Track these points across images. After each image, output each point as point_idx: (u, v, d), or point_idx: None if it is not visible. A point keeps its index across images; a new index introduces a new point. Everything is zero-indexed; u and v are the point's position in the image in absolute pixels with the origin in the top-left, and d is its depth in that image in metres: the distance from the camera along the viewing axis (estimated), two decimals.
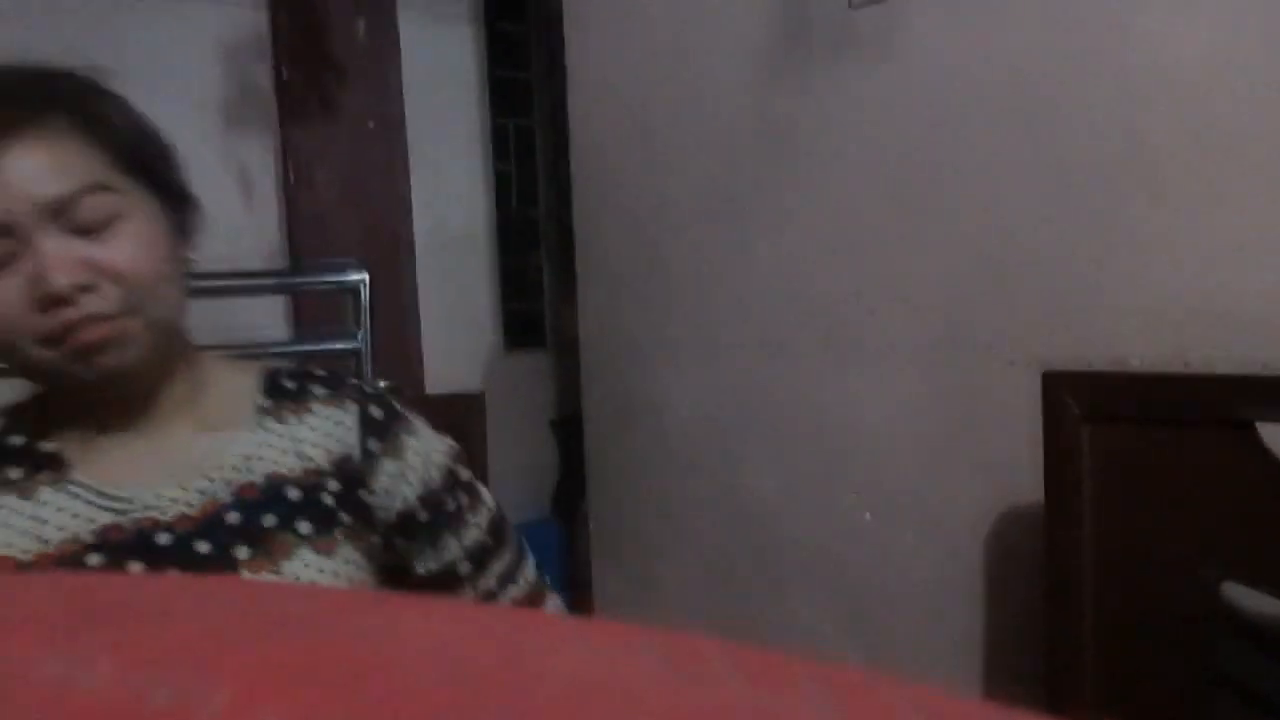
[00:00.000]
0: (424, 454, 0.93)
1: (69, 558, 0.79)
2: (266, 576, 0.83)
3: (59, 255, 0.76)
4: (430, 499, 0.93)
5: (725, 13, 1.49)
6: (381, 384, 2.32)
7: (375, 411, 0.92)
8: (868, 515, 1.35)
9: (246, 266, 2.65)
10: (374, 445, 0.91)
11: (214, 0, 2.70)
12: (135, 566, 0.80)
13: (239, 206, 2.78)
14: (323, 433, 0.90)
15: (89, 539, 0.81)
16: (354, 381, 0.96)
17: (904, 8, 1.28)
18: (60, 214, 0.77)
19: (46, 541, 0.80)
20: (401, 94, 2.91)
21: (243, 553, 0.84)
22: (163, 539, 0.82)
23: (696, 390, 1.59)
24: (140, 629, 0.17)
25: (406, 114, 2.92)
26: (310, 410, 0.91)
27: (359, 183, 2.87)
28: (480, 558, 0.96)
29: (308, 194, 2.83)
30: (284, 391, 0.92)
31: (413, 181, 2.94)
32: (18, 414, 0.87)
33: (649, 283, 1.64)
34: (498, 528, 0.98)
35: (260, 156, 2.81)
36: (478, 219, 3.09)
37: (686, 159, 1.57)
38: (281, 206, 2.82)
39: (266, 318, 2.71)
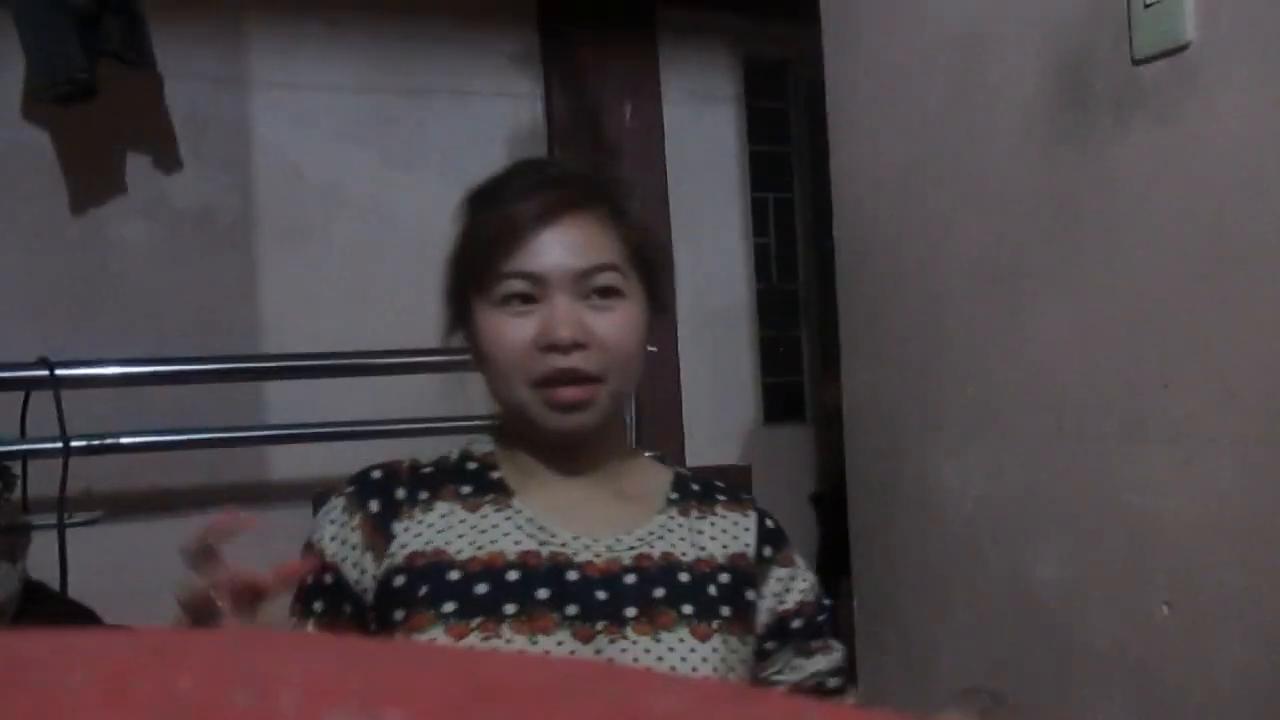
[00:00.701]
0: (806, 572, 1.06)
1: (493, 565, 0.93)
2: (646, 640, 0.93)
3: (569, 313, 0.92)
4: (807, 613, 1.03)
5: (999, 75, 1.44)
6: (647, 454, 2.37)
7: (770, 524, 1.05)
8: (1165, 609, 1.22)
9: None
10: (768, 552, 1.03)
11: (497, 94, 2.90)
12: (542, 592, 0.92)
13: None
14: (721, 530, 1.01)
15: (512, 557, 0.94)
16: (749, 496, 1.09)
17: (1196, 61, 1.19)
18: (579, 281, 0.93)
19: (480, 548, 0.94)
20: (665, 172, 3.00)
21: (631, 611, 0.94)
22: (570, 575, 0.94)
23: (974, 472, 1.50)
24: (537, 713, 0.16)
25: (670, 192, 3.01)
26: (714, 511, 1.03)
27: None
28: (829, 690, 1.04)
29: None
30: (691, 492, 1.04)
31: (676, 257, 3.02)
32: (474, 447, 1.03)
33: (919, 356, 1.58)
34: (847, 667, 1.09)
35: None
36: (738, 292, 3.12)
37: (958, 228, 1.51)
38: None
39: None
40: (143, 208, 2.54)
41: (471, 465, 1.01)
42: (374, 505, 0.97)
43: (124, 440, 1.99)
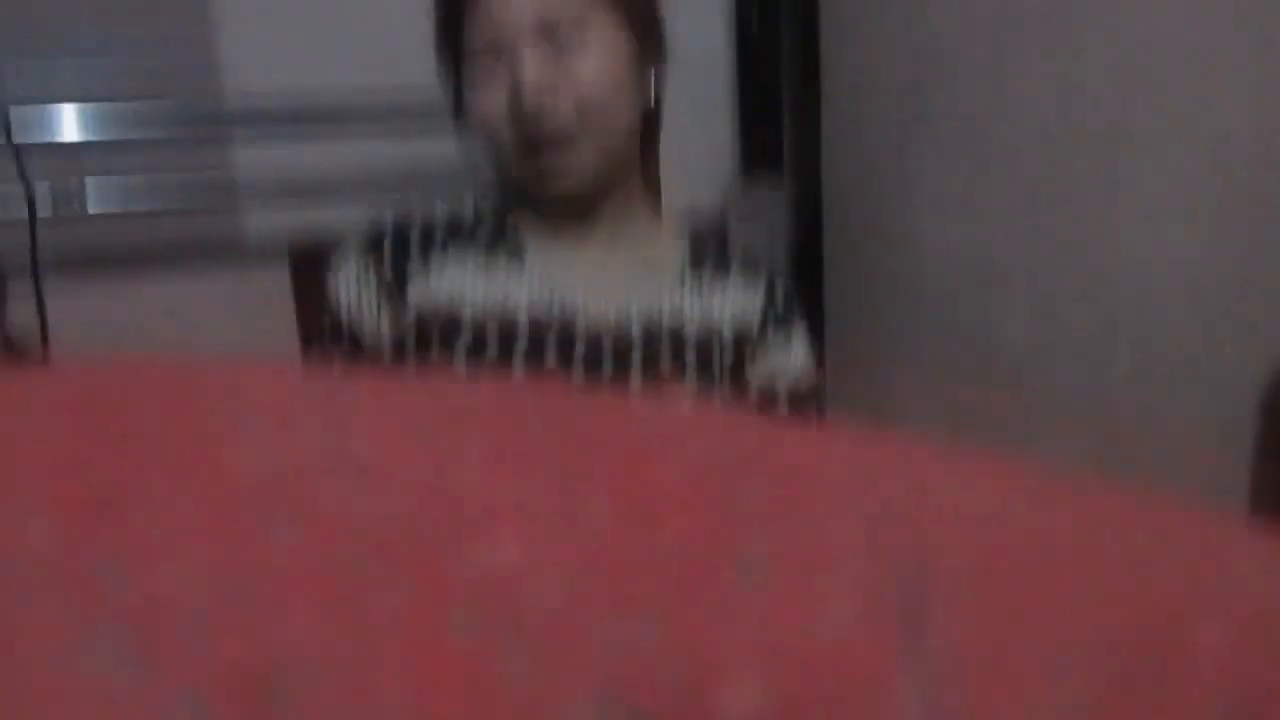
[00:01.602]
0: (804, 351, 1.03)
1: (504, 325, 0.93)
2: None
3: (533, 66, 0.86)
4: (794, 390, 1.01)
5: None
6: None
7: (779, 296, 1.02)
8: (1128, 364, 1.26)
9: None
10: (772, 319, 1.01)
11: None
12: (550, 355, 0.93)
13: None
14: (731, 300, 1.00)
15: (520, 315, 0.93)
16: (765, 266, 1.05)
17: None
18: (544, 26, 0.86)
19: (492, 301, 0.93)
20: None
21: (637, 376, 0.95)
22: (578, 339, 0.94)
23: (952, 226, 1.50)
24: (508, 430, 0.17)
25: None
26: (726, 278, 1.01)
27: None
28: None
29: None
30: (707, 257, 1.02)
31: None
32: (484, 204, 1.00)
33: (898, 110, 1.54)
34: None
35: None
36: (716, 39, 2.99)
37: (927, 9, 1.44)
38: None
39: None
40: None
41: (487, 218, 0.98)
42: (388, 253, 0.95)
43: (91, 210, 1.95)
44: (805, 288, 2.77)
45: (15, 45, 2.34)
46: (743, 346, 1.00)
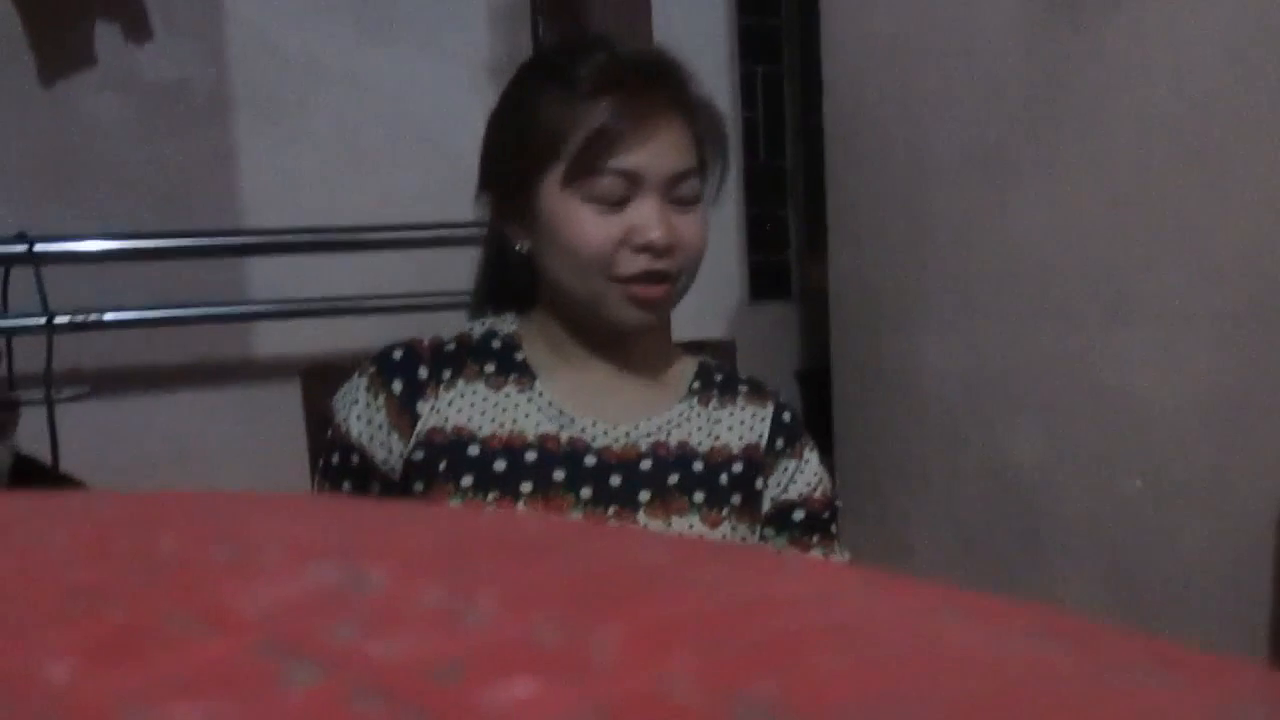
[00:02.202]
0: (816, 468, 1.04)
1: (512, 444, 0.95)
2: (658, 524, 0.95)
3: (664, 215, 0.92)
4: (810, 505, 1.02)
5: None
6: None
7: (787, 417, 1.04)
8: (1138, 484, 1.25)
9: None
10: (780, 443, 1.02)
11: None
12: (559, 473, 0.94)
13: None
14: (739, 422, 1.02)
15: (531, 438, 0.95)
16: (773, 389, 1.08)
17: None
18: (671, 185, 0.92)
19: (500, 426, 0.96)
20: (651, 40, 2.92)
21: (645, 496, 0.95)
22: (588, 459, 0.96)
23: (956, 352, 1.51)
24: (518, 567, 0.17)
25: None
26: (733, 402, 1.03)
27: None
28: None
29: None
30: (714, 382, 1.04)
31: None
32: (498, 327, 1.03)
33: (905, 236, 1.58)
34: None
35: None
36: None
37: (947, 106, 1.49)
38: None
39: None
40: (114, 81, 2.47)
41: (495, 344, 1.01)
42: (397, 385, 0.97)
43: (108, 317, 1.98)
44: (814, 411, 2.78)
45: (39, 168, 2.41)
46: (752, 468, 1.00)
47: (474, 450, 0.94)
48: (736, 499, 0.99)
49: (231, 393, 2.29)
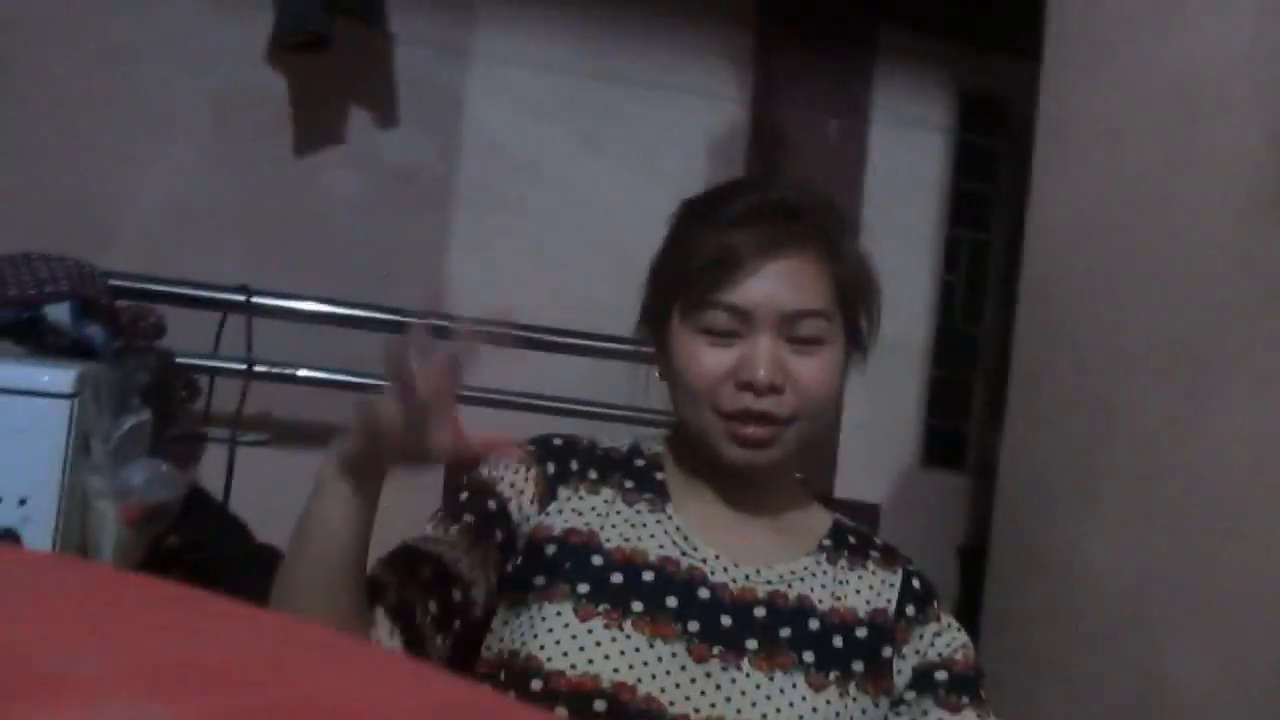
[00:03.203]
0: (956, 631, 0.99)
1: (633, 560, 0.94)
2: (760, 676, 0.91)
3: (771, 354, 0.91)
4: (955, 668, 0.96)
5: (1217, 140, 1.34)
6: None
7: (918, 585, 1.01)
8: None
9: None
10: (911, 610, 0.98)
11: (702, 93, 2.91)
12: (672, 599, 0.92)
13: None
14: (866, 585, 0.99)
15: (653, 558, 0.94)
16: (905, 555, 1.04)
17: None
18: (786, 323, 0.92)
19: (626, 540, 0.95)
20: (861, 196, 2.94)
21: (752, 644, 0.92)
22: (702, 592, 0.93)
23: (1123, 556, 1.41)
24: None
25: (863, 216, 2.95)
26: (864, 565, 1.00)
27: None
28: None
29: None
30: (846, 542, 1.02)
31: None
32: (645, 445, 1.05)
33: (1086, 423, 1.50)
34: None
35: None
36: (915, 328, 3.03)
37: (1147, 296, 1.42)
38: None
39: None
40: (356, 160, 2.69)
41: (640, 462, 1.02)
42: (550, 465, 0.99)
43: (300, 373, 2.11)
44: (968, 590, 2.63)
45: (277, 228, 2.63)
46: (879, 636, 0.96)
47: (597, 559, 0.94)
48: (858, 666, 0.94)
49: None
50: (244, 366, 1.97)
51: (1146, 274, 1.43)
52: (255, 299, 1.99)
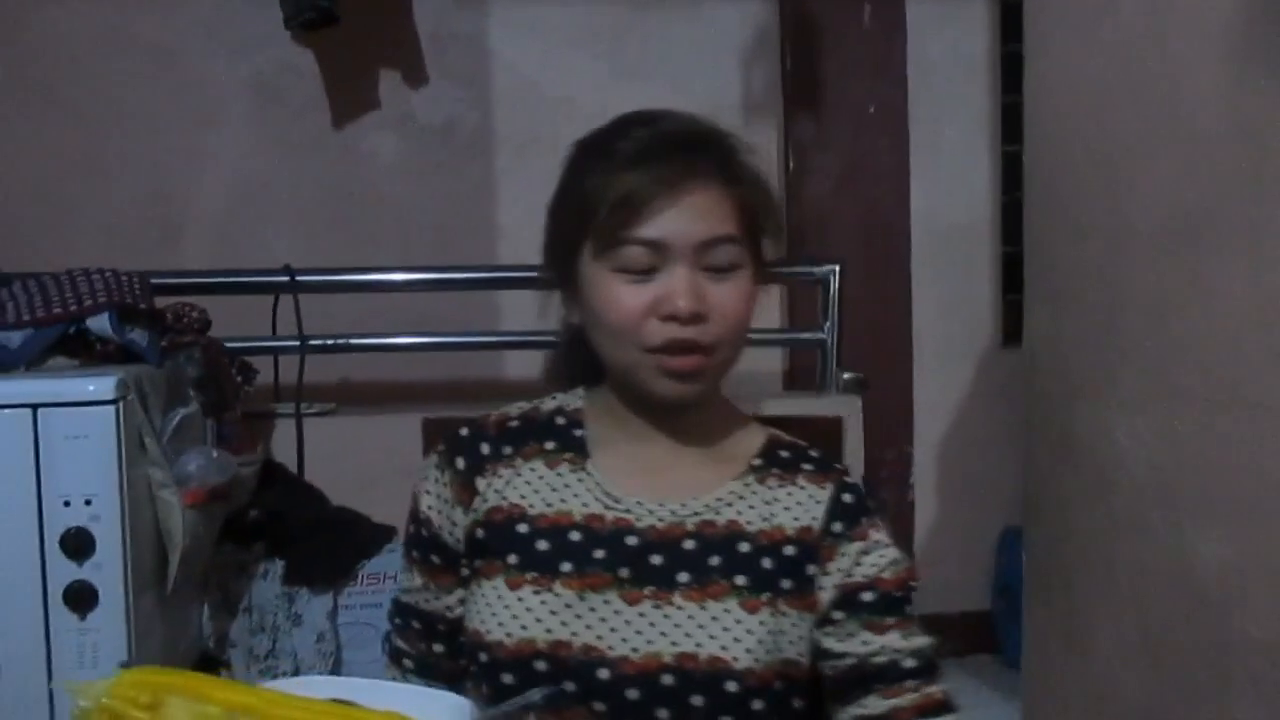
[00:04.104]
0: (886, 548, 0.98)
1: (558, 524, 0.97)
2: (692, 607, 0.93)
3: (690, 284, 0.92)
4: (883, 587, 0.96)
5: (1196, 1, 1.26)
6: (846, 376, 2.33)
7: (848, 497, 1.00)
8: None
9: None
10: (838, 527, 0.98)
11: (728, 1, 2.85)
12: (599, 552, 0.95)
13: None
14: (796, 502, 0.99)
15: (578, 517, 0.97)
16: (841, 466, 1.03)
17: None
18: (700, 252, 0.92)
19: (550, 506, 0.98)
20: (905, 77, 2.84)
21: (683, 577, 0.95)
22: (630, 540, 0.96)
23: (1145, 434, 1.37)
24: None
25: (910, 99, 2.85)
26: (794, 482, 1.00)
27: (857, 169, 2.86)
28: (928, 668, 0.96)
29: (806, 182, 2.89)
30: (778, 459, 1.02)
31: (912, 166, 2.87)
32: (566, 403, 1.06)
33: (1099, 303, 1.45)
34: (935, 660, 0.97)
35: (765, 149, 2.92)
36: (979, 205, 2.93)
37: (1148, 166, 1.35)
38: (781, 196, 2.92)
39: (762, 304, 2.82)
40: (392, 122, 2.75)
41: (561, 420, 1.04)
42: (460, 462, 1.02)
43: (354, 340, 2.21)
44: None
45: (329, 201, 2.72)
46: (805, 553, 0.97)
47: (523, 529, 0.98)
48: (787, 584, 0.95)
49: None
50: (297, 343, 2.08)
51: (1146, 142, 1.37)
52: (299, 278, 2.09)
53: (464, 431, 1.04)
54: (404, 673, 1.05)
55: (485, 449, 1.02)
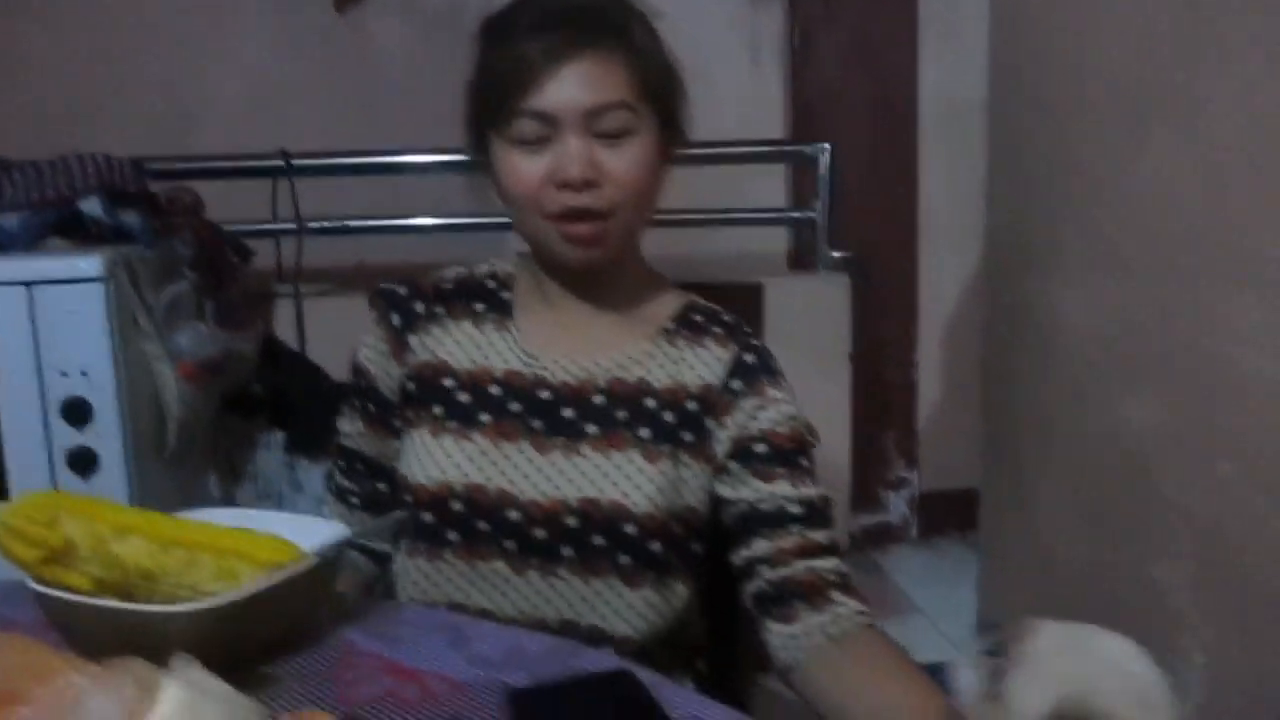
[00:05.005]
0: (782, 405, 1.02)
1: (480, 379, 1.03)
2: (598, 457, 1.00)
3: (580, 151, 0.95)
4: (775, 439, 1.01)
5: None
6: (835, 255, 2.34)
7: (749, 358, 1.04)
8: (1227, 466, 1.12)
9: (753, 134, 2.78)
10: (737, 384, 1.02)
11: None
12: (515, 405, 1.02)
13: (747, 75, 2.90)
14: (701, 362, 1.03)
15: (498, 373, 1.03)
16: (748, 330, 1.07)
17: None
18: (590, 119, 0.95)
19: (474, 363, 1.04)
20: None
21: (591, 429, 1.01)
22: (543, 394, 1.02)
23: (1088, 305, 1.39)
24: None
25: None
26: (701, 343, 1.05)
27: (864, 46, 2.82)
28: (813, 516, 1.00)
29: (813, 60, 2.85)
30: (690, 323, 1.06)
31: (920, 43, 2.82)
32: (499, 267, 1.11)
33: (1052, 179, 1.45)
34: (822, 510, 1.02)
35: (770, 28, 2.88)
36: (982, 83, 2.87)
37: (1099, 39, 1.34)
38: (786, 75, 2.89)
39: (767, 185, 2.83)
40: (395, 7, 2.76)
41: (491, 284, 1.09)
42: (395, 319, 1.07)
43: (350, 224, 2.27)
44: None
45: (338, 88, 2.76)
46: (705, 408, 1.02)
47: (449, 383, 1.04)
48: (688, 437, 1.00)
49: None
50: (294, 227, 2.14)
51: (1096, 22, 1.35)
52: (294, 160, 2.14)
53: (401, 290, 1.10)
54: (350, 509, 1.13)
55: (419, 308, 1.08)
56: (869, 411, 2.91)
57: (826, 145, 2.30)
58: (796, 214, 2.45)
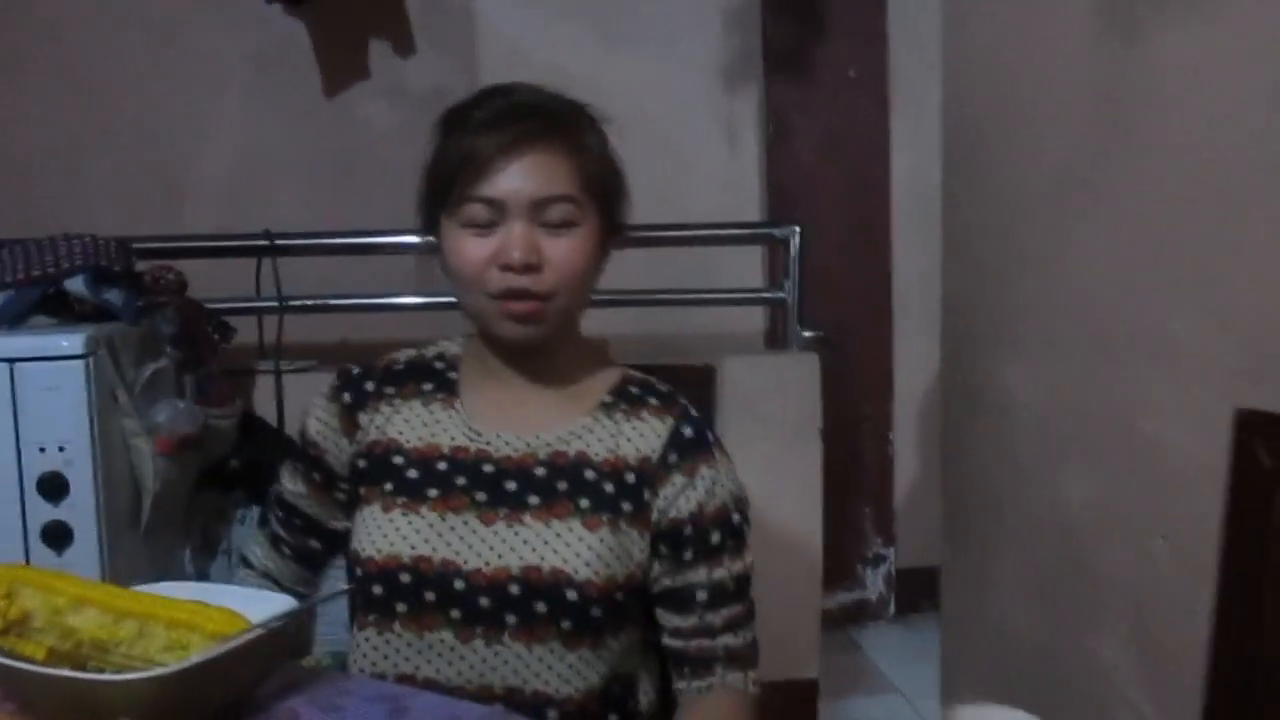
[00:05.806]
0: (712, 483, 1.08)
1: (428, 455, 1.09)
2: (539, 525, 1.05)
3: (525, 237, 1.02)
4: (700, 522, 1.07)
5: None
6: (806, 334, 2.40)
7: (687, 431, 1.09)
8: (1161, 541, 1.16)
9: (730, 216, 2.86)
10: (673, 458, 1.08)
11: None
12: (461, 479, 1.07)
13: (725, 160, 2.99)
14: (639, 434, 1.09)
15: (445, 450, 1.09)
16: (684, 402, 1.13)
17: None
18: (535, 209, 1.02)
19: (422, 440, 1.10)
20: (885, 41, 2.88)
21: (533, 500, 1.06)
22: (487, 468, 1.08)
23: (1032, 386, 1.44)
24: None
25: (890, 61, 2.89)
26: (639, 415, 1.10)
27: (838, 133, 2.92)
28: (717, 597, 1.09)
29: (788, 146, 2.95)
30: (628, 396, 1.12)
31: (892, 128, 2.91)
32: (447, 348, 1.18)
33: (999, 259, 1.52)
34: (744, 583, 1.10)
35: (747, 113, 2.98)
36: None
37: (1033, 124, 1.42)
38: (762, 159, 2.98)
39: (746, 264, 2.90)
40: (384, 91, 2.85)
41: (440, 365, 1.15)
42: (347, 397, 1.14)
43: (331, 301, 2.33)
44: None
45: (325, 168, 2.84)
46: (642, 480, 1.06)
47: (398, 460, 1.09)
48: (627, 506, 1.06)
49: None
50: (276, 304, 2.20)
51: (1031, 101, 1.43)
52: (278, 240, 2.20)
53: (355, 370, 1.16)
54: (282, 558, 1.20)
55: (370, 387, 1.14)
56: (846, 488, 2.95)
57: (796, 227, 2.36)
58: (768, 294, 2.50)
